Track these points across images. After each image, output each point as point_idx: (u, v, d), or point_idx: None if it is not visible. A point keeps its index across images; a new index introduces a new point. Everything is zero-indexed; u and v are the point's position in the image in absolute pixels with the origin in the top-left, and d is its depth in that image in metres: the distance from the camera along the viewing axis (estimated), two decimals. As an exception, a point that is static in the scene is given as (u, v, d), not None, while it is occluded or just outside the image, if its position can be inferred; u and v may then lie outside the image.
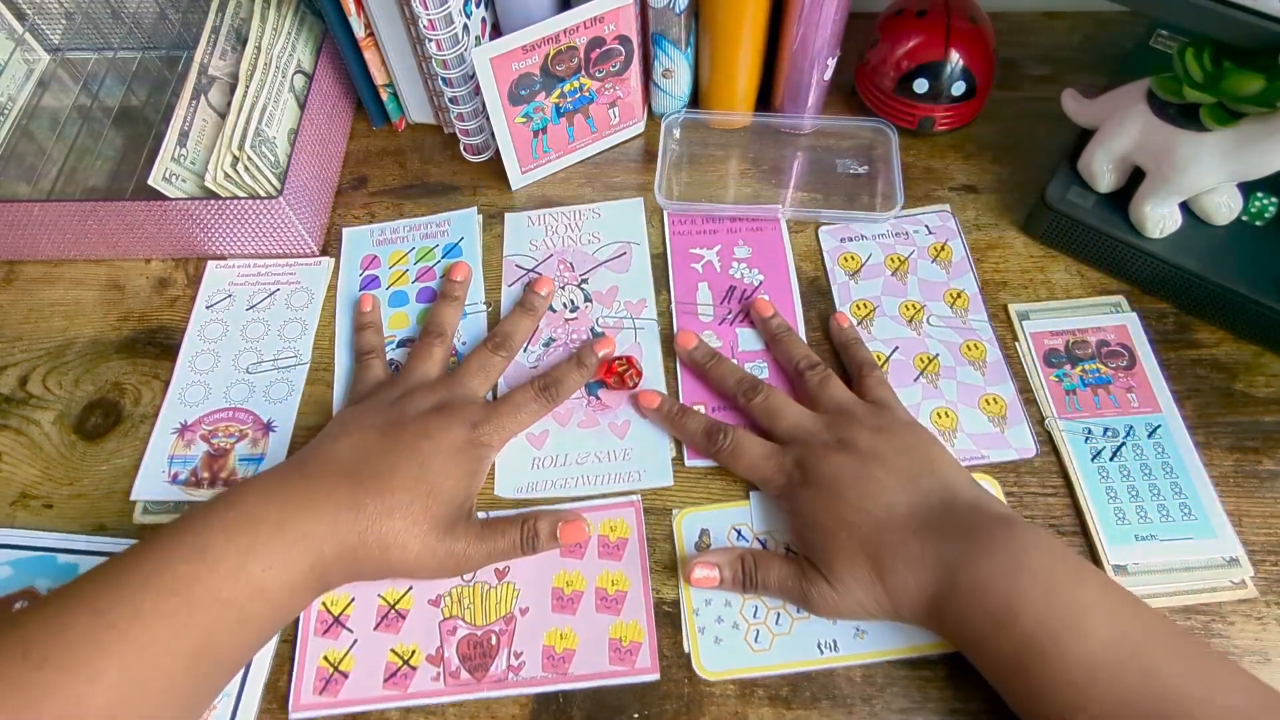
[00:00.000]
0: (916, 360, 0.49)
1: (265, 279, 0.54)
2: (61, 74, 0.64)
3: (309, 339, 0.52)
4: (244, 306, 0.53)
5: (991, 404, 0.47)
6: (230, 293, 0.54)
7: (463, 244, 0.56)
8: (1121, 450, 0.45)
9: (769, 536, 0.44)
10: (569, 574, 0.43)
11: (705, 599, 0.42)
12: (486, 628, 0.42)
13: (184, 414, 0.50)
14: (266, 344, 0.52)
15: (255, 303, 0.53)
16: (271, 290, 0.54)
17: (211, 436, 0.49)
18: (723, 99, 0.58)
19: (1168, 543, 0.42)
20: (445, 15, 0.49)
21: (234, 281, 0.54)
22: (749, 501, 0.45)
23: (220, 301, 0.54)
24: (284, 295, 0.54)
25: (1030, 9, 0.65)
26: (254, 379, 0.51)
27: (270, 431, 0.49)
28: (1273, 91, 0.40)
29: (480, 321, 0.52)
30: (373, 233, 0.57)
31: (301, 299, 0.54)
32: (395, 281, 0.54)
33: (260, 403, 0.50)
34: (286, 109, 0.55)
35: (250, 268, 0.55)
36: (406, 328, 0.52)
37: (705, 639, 0.41)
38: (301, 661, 0.42)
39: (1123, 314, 0.50)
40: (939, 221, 0.54)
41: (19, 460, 0.49)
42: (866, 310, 0.51)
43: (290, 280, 0.54)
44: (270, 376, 0.51)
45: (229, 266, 0.55)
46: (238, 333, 0.52)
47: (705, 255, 0.54)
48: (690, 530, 0.44)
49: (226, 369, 0.51)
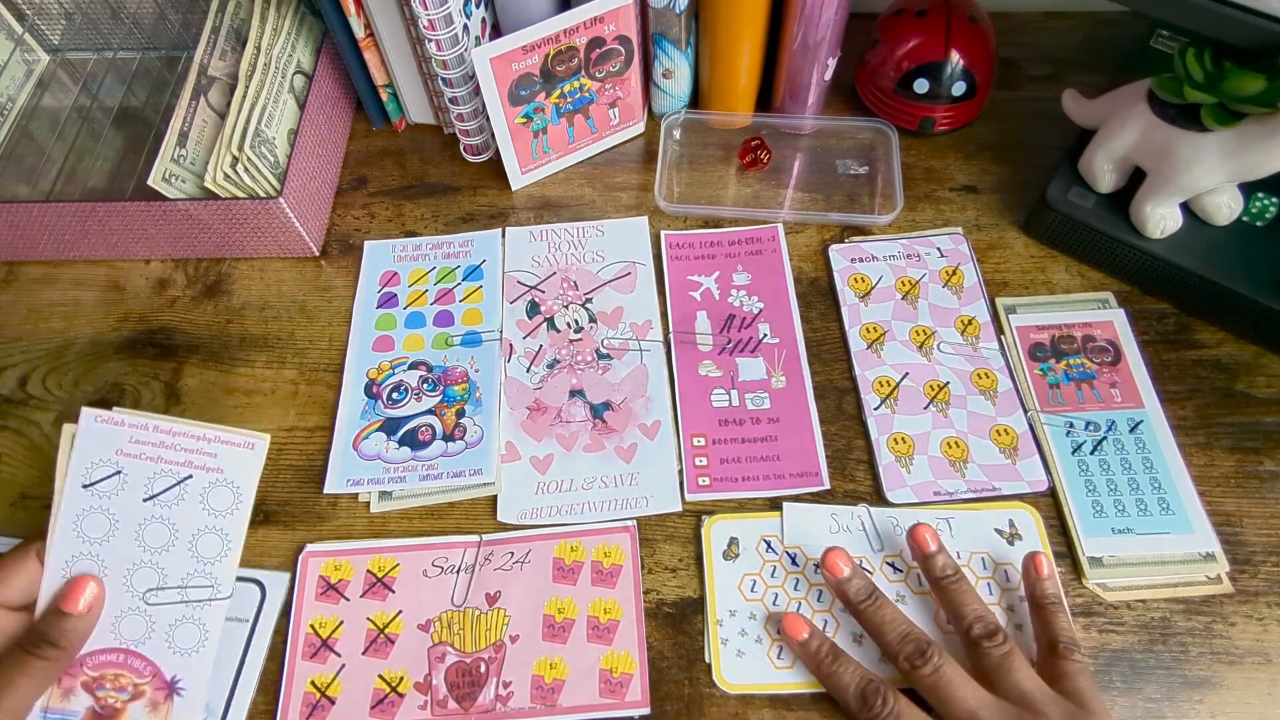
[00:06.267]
0: (927, 388, 0.48)
1: (172, 454, 0.38)
2: (61, 74, 0.64)
3: (230, 562, 0.38)
4: (140, 494, 0.38)
5: (1003, 435, 0.47)
6: (120, 467, 0.37)
7: (485, 266, 0.54)
8: (1102, 444, 0.46)
9: (799, 551, 0.43)
10: (561, 601, 0.43)
11: (730, 609, 0.42)
12: (476, 655, 0.41)
13: None
14: (171, 560, 0.38)
15: (156, 491, 0.38)
16: (181, 477, 0.38)
17: (96, 687, 0.37)
18: (723, 99, 0.58)
19: (1144, 536, 0.43)
20: (445, 15, 0.49)
21: (124, 450, 0.37)
22: (779, 513, 0.44)
23: (105, 479, 0.37)
24: (199, 486, 0.38)
25: (1030, 9, 0.65)
26: (154, 613, 0.38)
27: (175, 694, 0.38)
28: (1273, 92, 0.40)
29: (493, 350, 0.51)
30: (394, 248, 0.56)
31: (223, 498, 0.38)
32: (413, 301, 0.53)
33: (161, 649, 0.38)
34: (286, 109, 0.55)
35: (149, 432, 0.38)
36: (421, 350, 0.51)
37: (727, 650, 0.41)
38: (289, 686, 0.41)
39: (1110, 310, 0.50)
40: (951, 244, 0.54)
41: (19, 461, 0.49)
42: (877, 334, 0.50)
43: (208, 465, 0.38)
44: (176, 613, 0.38)
45: (115, 424, 0.37)
46: (130, 535, 0.37)
47: (703, 283, 0.53)
48: (719, 538, 0.44)
49: (116, 588, 0.37)
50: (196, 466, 0.38)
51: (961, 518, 0.44)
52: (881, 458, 0.46)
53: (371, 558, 0.44)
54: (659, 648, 0.41)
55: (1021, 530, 0.44)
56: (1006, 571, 0.42)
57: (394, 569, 0.44)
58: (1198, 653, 0.40)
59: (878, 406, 0.48)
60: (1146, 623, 0.41)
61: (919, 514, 0.44)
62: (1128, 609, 0.42)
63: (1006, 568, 0.43)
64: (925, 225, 0.55)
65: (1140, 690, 0.39)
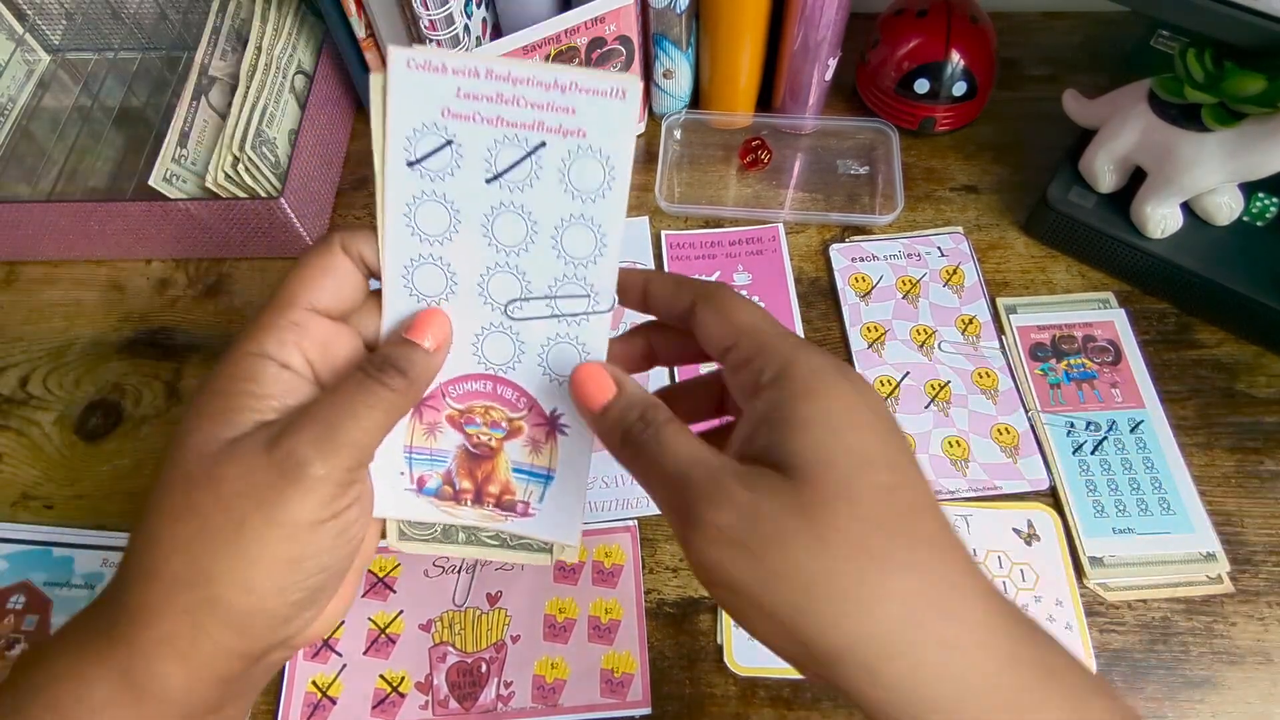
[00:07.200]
0: (928, 387, 0.48)
1: (516, 112, 0.26)
2: (62, 74, 0.64)
3: (609, 263, 0.28)
4: (481, 172, 0.27)
5: (1004, 434, 0.47)
6: (451, 134, 0.27)
7: None
8: (1103, 444, 0.46)
9: None
10: (562, 601, 0.43)
11: None
12: (477, 655, 0.41)
13: None
14: (532, 262, 0.28)
15: (501, 168, 0.27)
16: (531, 146, 0.27)
17: (465, 422, 0.30)
18: (723, 99, 0.58)
19: (1145, 536, 0.43)
20: (446, 16, 0.49)
21: (453, 110, 0.26)
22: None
23: (434, 153, 0.27)
24: (555, 157, 0.27)
25: (1031, 9, 0.65)
26: (520, 330, 0.29)
27: (559, 432, 0.30)
28: (1274, 92, 0.40)
29: None
30: None
31: (590, 174, 0.27)
32: None
33: (535, 376, 0.29)
34: (287, 109, 0.55)
35: (483, 81, 0.26)
36: None
37: (739, 633, 0.41)
38: (290, 686, 0.41)
39: (1110, 310, 0.50)
40: (952, 244, 0.54)
41: (20, 461, 0.49)
42: (878, 333, 0.50)
43: (564, 126, 0.26)
44: (547, 330, 0.29)
45: (436, 70, 0.26)
46: (476, 229, 0.28)
47: None
48: None
49: (470, 299, 0.28)
50: (550, 129, 0.26)
51: (980, 516, 0.44)
52: (882, 457, 0.46)
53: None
54: (660, 648, 0.41)
55: (1040, 530, 0.44)
56: (1023, 571, 0.43)
57: (395, 569, 0.44)
58: (1198, 652, 0.40)
59: (879, 406, 0.48)
60: (1147, 622, 0.41)
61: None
62: (1128, 609, 0.42)
63: (1023, 567, 0.43)
64: (926, 225, 0.55)
65: (1141, 690, 0.40)
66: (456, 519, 0.31)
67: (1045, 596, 0.42)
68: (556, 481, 0.30)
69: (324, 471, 0.24)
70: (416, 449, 0.30)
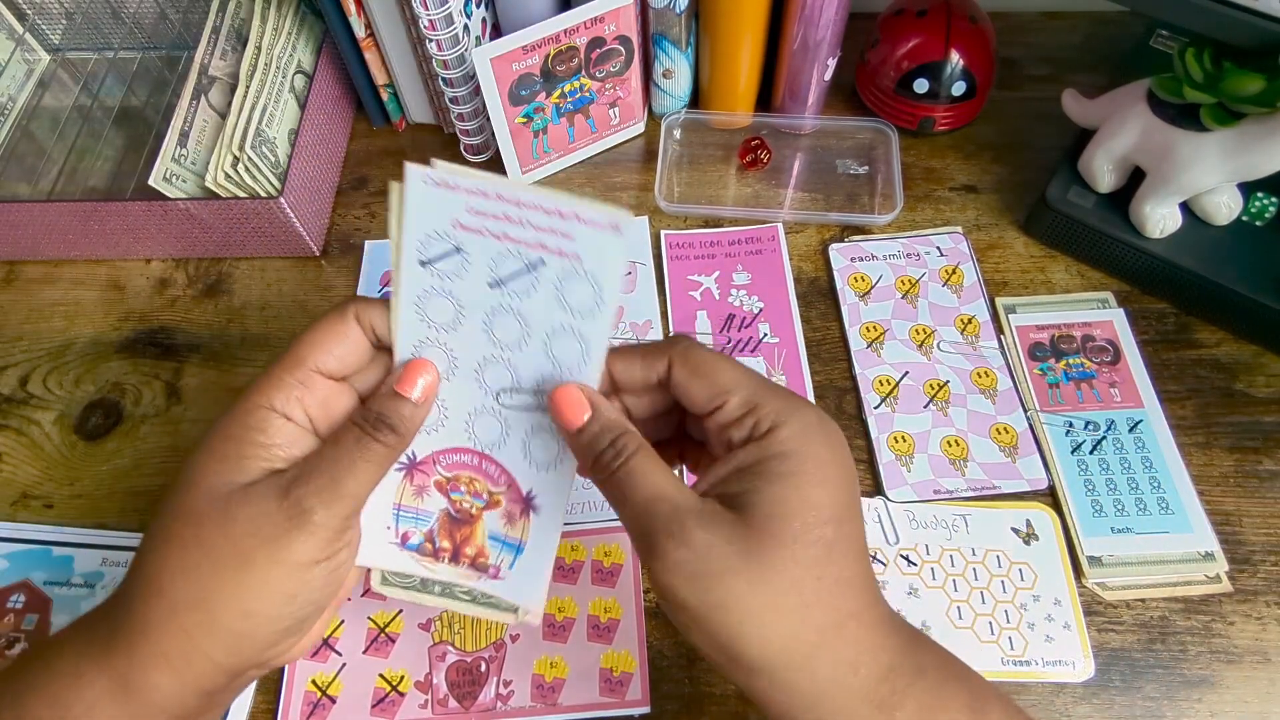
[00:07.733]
0: (926, 386, 0.48)
1: (520, 231, 0.29)
2: (62, 74, 0.64)
3: (593, 371, 0.30)
4: (484, 278, 0.30)
5: (1002, 433, 0.47)
6: (459, 243, 0.29)
7: None
8: (1102, 444, 0.46)
9: None
10: (561, 600, 0.43)
11: None
12: (476, 654, 0.42)
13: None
14: (524, 360, 0.31)
15: (502, 276, 0.30)
16: (530, 261, 0.29)
17: (451, 489, 0.33)
18: (723, 99, 0.58)
19: (1143, 536, 0.43)
20: (445, 15, 0.49)
21: (462, 223, 0.29)
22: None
23: (444, 258, 0.30)
24: (551, 275, 0.29)
25: (1030, 9, 0.65)
26: (509, 416, 0.32)
27: (532, 510, 0.33)
28: (1273, 91, 0.40)
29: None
30: None
31: (581, 294, 0.29)
32: None
33: (517, 459, 0.32)
34: (287, 109, 0.55)
35: (491, 201, 0.29)
36: None
37: None
38: (290, 685, 0.41)
39: (1110, 310, 0.50)
40: (951, 244, 0.54)
41: (20, 460, 0.49)
42: (877, 333, 0.50)
43: (562, 248, 0.29)
44: (531, 421, 0.32)
45: (449, 188, 0.29)
46: (478, 324, 0.31)
47: (703, 282, 0.53)
48: None
49: (467, 382, 0.31)
50: (549, 250, 0.29)
51: (978, 515, 0.44)
52: (882, 456, 0.46)
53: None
54: (659, 647, 0.42)
55: (1038, 530, 0.44)
56: (1021, 570, 0.43)
57: (395, 568, 0.44)
58: (1196, 652, 0.40)
59: (878, 405, 0.48)
60: (1145, 622, 0.41)
61: (931, 510, 0.44)
62: (1127, 608, 0.42)
63: (1021, 567, 0.43)
64: (925, 225, 0.55)
65: (1139, 689, 0.40)
66: (433, 574, 0.34)
67: (1044, 596, 0.42)
68: (526, 553, 0.33)
69: (326, 519, 0.27)
70: (404, 507, 0.33)
